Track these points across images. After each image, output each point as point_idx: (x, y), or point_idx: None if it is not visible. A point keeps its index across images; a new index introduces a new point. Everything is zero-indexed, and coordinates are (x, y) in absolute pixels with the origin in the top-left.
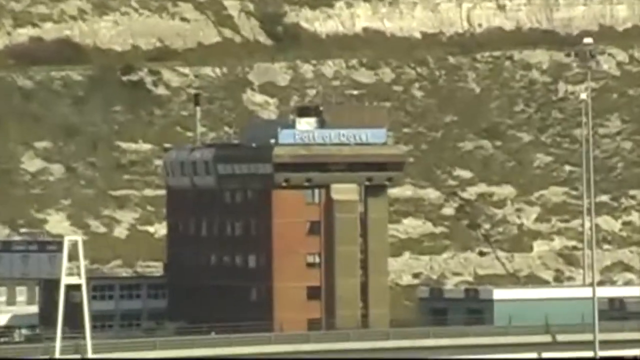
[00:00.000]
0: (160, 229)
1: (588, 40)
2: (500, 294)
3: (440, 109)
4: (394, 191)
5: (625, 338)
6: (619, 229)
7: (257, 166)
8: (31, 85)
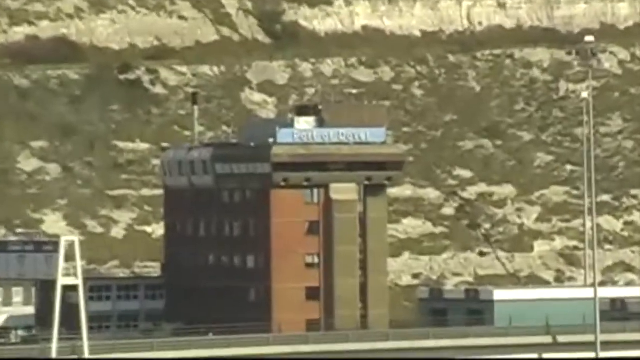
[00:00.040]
0: (157, 229)
1: (589, 38)
2: (501, 294)
3: (440, 108)
4: (394, 191)
5: (627, 339)
6: (621, 229)
7: (256, 166)
8: (27, 84)
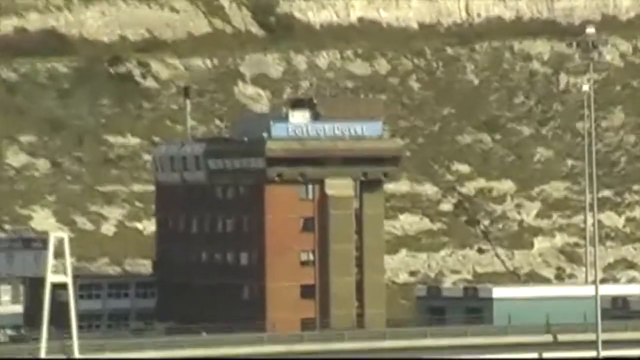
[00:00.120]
0: (149, 226)
1: (590, 30)
2: (500, 292)
3: (437, 101)
4: (390, 186)
5: (629, 338)
6: (623, 225)
7: (249, 161)
8: (15, 77)
